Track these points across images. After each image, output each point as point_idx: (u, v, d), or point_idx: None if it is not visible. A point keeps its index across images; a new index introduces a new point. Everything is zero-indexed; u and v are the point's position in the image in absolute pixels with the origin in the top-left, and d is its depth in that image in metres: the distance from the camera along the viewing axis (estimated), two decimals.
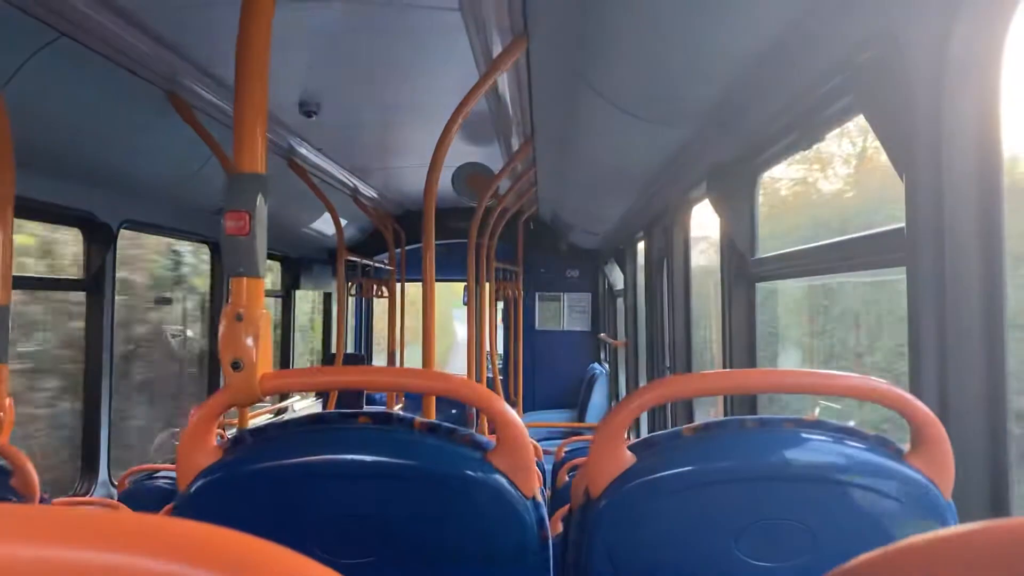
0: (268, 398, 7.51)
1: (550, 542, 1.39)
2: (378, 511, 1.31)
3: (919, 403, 1.31)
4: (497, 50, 3.18)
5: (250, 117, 1.45)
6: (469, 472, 1.32)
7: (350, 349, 9.86)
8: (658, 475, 1.32)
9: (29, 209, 3.73)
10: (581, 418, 8.58)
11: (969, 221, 1.44)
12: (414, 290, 10.01)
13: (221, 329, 1.41)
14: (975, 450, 1.44)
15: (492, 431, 1.42)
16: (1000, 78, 1.44)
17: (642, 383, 6.02)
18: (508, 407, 1.37)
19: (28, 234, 4.33)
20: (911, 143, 1.51)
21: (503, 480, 1.32)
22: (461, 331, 15.15)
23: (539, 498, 1.38)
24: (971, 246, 1.44)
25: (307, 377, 2.34)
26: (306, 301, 9.22)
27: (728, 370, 2.85)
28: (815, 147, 2.32)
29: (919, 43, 1.49)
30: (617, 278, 7.78)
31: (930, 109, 1.47)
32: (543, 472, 4.35)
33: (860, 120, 2.00)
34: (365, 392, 8.02)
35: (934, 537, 0.40)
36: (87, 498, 4.20)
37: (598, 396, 8.50)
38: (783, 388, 1.45)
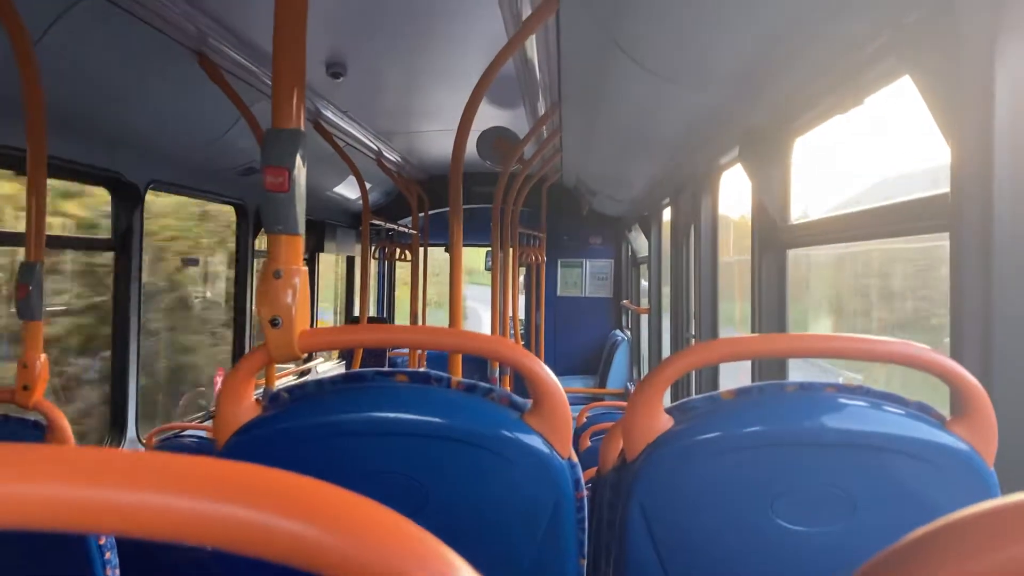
0: (289, 363, 7.59)
1: (585, 503, 1.39)
2: (415, 469, 1.31)
3: (963, 369, 1.29)
4: (527, 12, 3.14)
5: (288, 72, 1.44)
6: (506, 432, 1.31)
7: (372, 313, 9.91)
8: (696, 438, 1.31)
9: (57, 168, 3.74)
10: (602, 384, 8.59)
11: (1019, 187, 1.41)
12: (434, 256, 10.02)
13: (259, 286, 1.41)
14: (1019, 418, 1.42)
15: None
16: None
17: (665, 351, 6.01)
18: (545, 367, 1.37)
19: None
20: (960, 105, 1.48)
21: (540, 440, 1.32)
22: (477, 309, 15.08)
23: (575, 459, 1.38)
24: (1020, 213, 1.41)
25: (345, 335, 2.34)
26: (328, 270, 9.27)
27: (762, 335, 2.82)
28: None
29: (971, 2, 1.45)
30: (640, 245, 7.73)
31: (981, 72, 1.44)
32: None
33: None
34: (388, 354, 8.07)
35: (982, 509, 0.39)
36: None
37: (619, 362, 8.51)
38: (820, 352, 1.43)
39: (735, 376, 4.10)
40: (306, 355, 6.71)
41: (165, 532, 0.41)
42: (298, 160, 1.43)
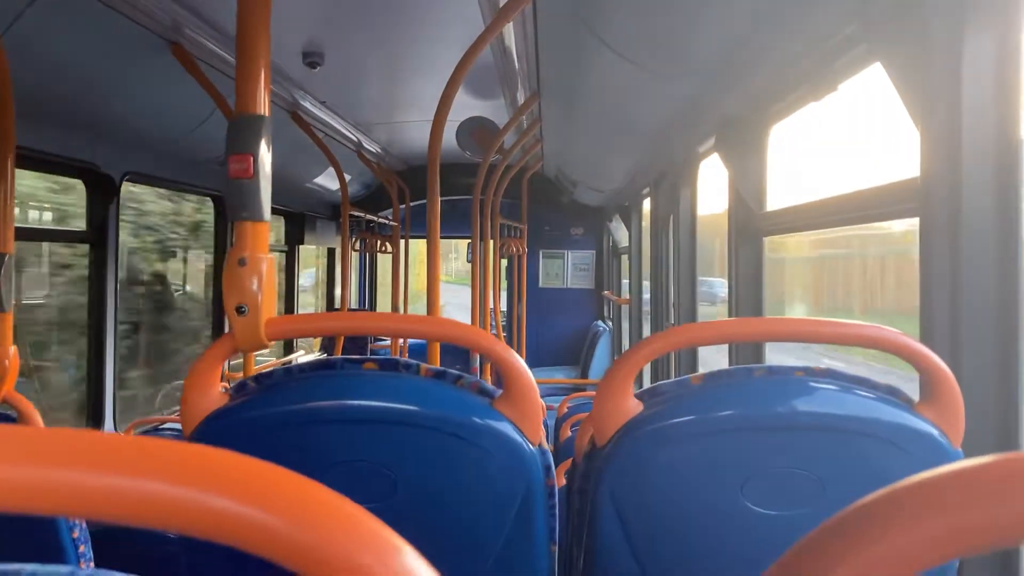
0: (273, 351, 7.55)
1: (556, 490, 1.39)
2: (384, 457, 1.30)
3: (930, 353, 1.30)
4: (503, 0, 3.13)
5: (252, 57, 1.43)
6: (476, 418, 1.31)
7: (354, 305, 9.88)
8: (664, 423, 1.31)
9: (30, 159, 3.70)
10: (584, 375, 8.61)
11: (987, 171, 1.42)
12: (421, 248, 9.99)
13: (225, 274, 1.40)
14: (986, 401, 1.43)
15: (497, 382, 1.41)
16: (1022, 25, 1.41)
17: None
18: (515, 354, 1.36)
19: None
20: (929, 91, 1.48)
21: (510, 427, 1.32)
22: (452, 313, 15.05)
23: (545, 446, 1.37)
24: (988, 196, 1.42)
25: (313, 323, 2.33)
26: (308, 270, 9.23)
27: (734, 319, 2.83)
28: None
29: None
30: (622, 235, 7.74)
31: (949, 56, 1.44)
32: (546, 428, 4.37)
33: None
34: (370, 346, 8.05)
35: (935, 474, 0.39)
36: None
37: (601, 353, 8.52)
38: (791, 336, 1.43)
39: (718, 363, 4.12)
40: (276, 343, 6.67)
41: (118, 514, 0.40)
42: (263, 146, 1.41)
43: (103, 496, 0.40)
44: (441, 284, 3.65)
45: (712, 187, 4.14)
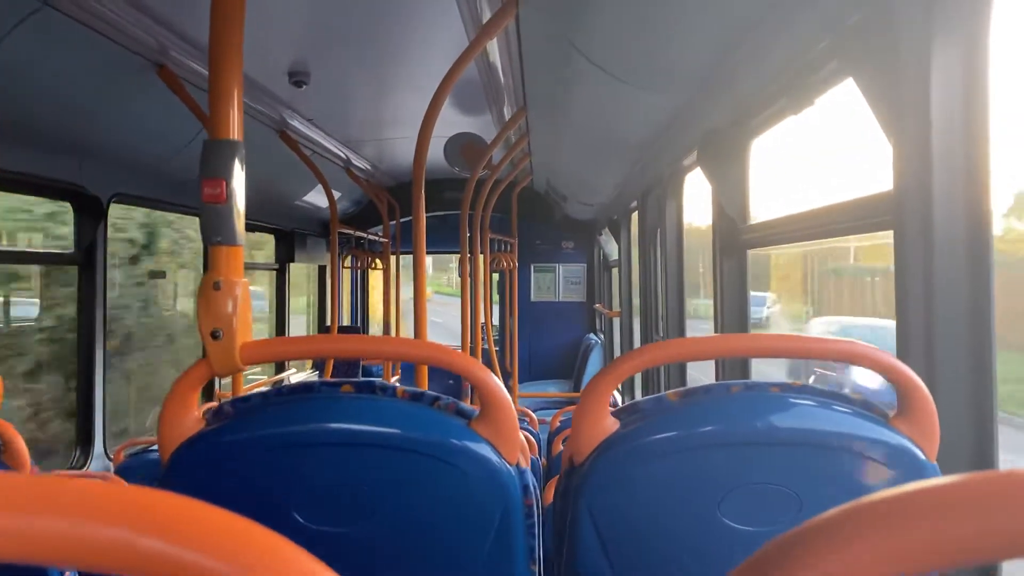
0: (264, 373, 7.52)
1: (536, 509, 1.38)
2: (362, 479, 1.30)
3: (905, 367, 1.31)
4: (487, 16, 3.14)
5: (225, 81, 1.43)
6: (452, 439, 1.31)
7: (346, 322, 9.86)
8: (641, 440, 1.32)
9: (17, 182, 3.70)
10: (577, 388, 8.60)
11: (958, 183, 1.43)
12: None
13: (199, 298, 1.40)
14: (961, 414, 1.43)
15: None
16: (989, 38, 1.42)
17: None
18: (491, 374, 1.37)
19: None
20: (899, 105, 1.50)
21: (486, 447, 1.32)
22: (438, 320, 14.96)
23: (523, 465, 1.37)
24: (959, 208, 1.43)
25: (287, 346, 2.33)
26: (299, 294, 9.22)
27: (711, 335, 2.84)
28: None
29: (907, 3, 1.47)
30: (612, 249, 7.76)
31: (918, 70, 1.46)
32: (539, 442, 4.36)
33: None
34: (362, 367, 8.03)
35: (907, 489, 0.40)
36: (83, 471, 4.21)
37: (594, 366, 8.52)
38: (769, 352, 1.44)
39: (708, 375, 4.13)
40: (252, 367, 6.64)
41: (51, 557, 0.40)
42: (236, 170, 1.42)
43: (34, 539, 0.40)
44: (440, 297, 3.65)
45: (701, 201, 4.16)
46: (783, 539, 0.43)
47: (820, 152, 3.63)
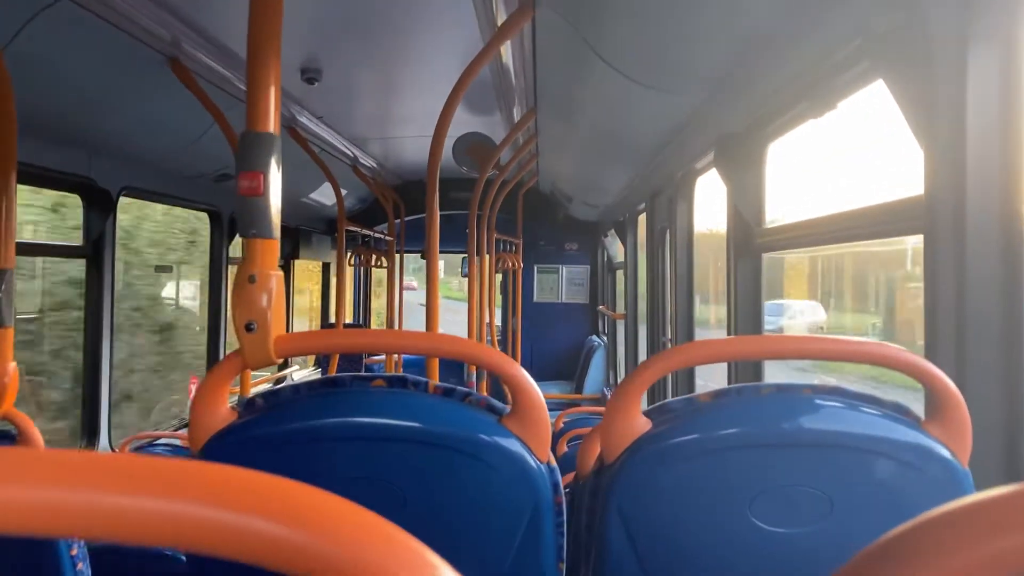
0: (265, 371, 7.52)
1: (564, 507, 1.38)
2: (393, 474, 1.30)
3: (937, 370, 1.30)
4: (502, 17, 3.14)
5: (263, 75, 1.43)
6: (483, 435, 1.31)
7: (348, 320, 9.86)
8: (673, 440, 1.31)
9: (28, 174, 3.69)
10: (579, 389, 8.60)
11: (991, 189, 1.42)
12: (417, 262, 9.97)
13: (234, 291, 1.40)
14: (992, 418, 1.43)
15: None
16: None
17: (641, 355, 6.02)
18: (523, 371, 1.36)
19: None
20: (933, 109, 1.49)
21: (518, 444, 1.31)
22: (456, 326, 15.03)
23: (553, 463, 1.37)
24: (994, 213, 1.42)
25: (323, 340, 2.32)
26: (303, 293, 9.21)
27: (745, 336, 2.83)
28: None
29: (942, 5, 1.47)
30: (616, 250, 7.76)
31: (953, 75, 1.45)
32: None
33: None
34: (364, 361, 8.03)
35: (960, 505, 0.39)
36: None
37: (596, 368, 8.52)
38: (797, 354, 1.44)
39: (713, 379, 4.12)
40: (281, 361, 6.64)
41: (140, 535, 0.40)
42: (273, 164, 1.41)
43: (121, 518, 0.40)
44: (446, 302, 3.65)
45: (710, 203, 4.16)
46: (867, 554, 0.42)
47: (832, 154, 3.63)
